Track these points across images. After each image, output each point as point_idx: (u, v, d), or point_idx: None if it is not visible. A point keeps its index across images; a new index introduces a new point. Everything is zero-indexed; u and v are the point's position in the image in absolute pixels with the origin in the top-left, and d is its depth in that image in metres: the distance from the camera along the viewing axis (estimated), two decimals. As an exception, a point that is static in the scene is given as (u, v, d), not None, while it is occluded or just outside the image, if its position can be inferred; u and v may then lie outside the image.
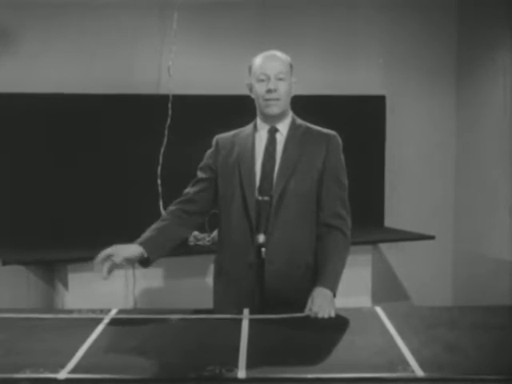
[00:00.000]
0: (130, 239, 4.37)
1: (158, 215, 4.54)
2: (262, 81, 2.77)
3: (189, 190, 2.94)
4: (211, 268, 3.09)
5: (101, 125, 4.67)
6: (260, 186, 2.79)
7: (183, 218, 2.89)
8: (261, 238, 2.78)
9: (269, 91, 2.75)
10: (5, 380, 1.97)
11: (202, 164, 2.96)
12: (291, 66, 2.83)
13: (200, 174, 2.94)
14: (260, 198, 2.78)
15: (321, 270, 2.74)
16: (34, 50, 4.60)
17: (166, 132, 4.70)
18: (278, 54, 2.83)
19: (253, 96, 2.85)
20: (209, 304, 2.88)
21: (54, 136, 4.58)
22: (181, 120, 4.70)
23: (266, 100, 2.77)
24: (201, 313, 2.66)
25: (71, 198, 4.61)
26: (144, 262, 2.77)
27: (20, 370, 2.01)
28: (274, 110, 2.79)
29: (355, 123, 5.13)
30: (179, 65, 4.79)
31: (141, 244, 2.74)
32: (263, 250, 2.78)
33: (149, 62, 4.86)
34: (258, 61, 2.81)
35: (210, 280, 3.06)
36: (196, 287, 4.42)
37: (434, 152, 5.65)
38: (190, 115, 4.75)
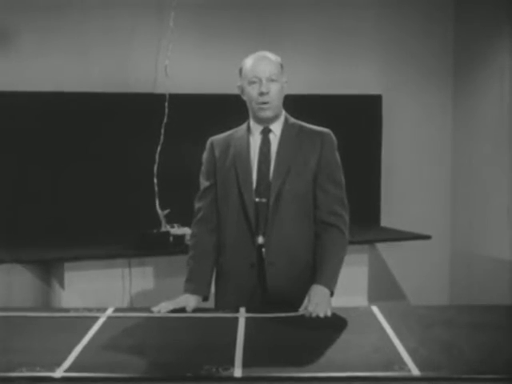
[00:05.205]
0: (126, 238, 4.42)
1: (154, 214, 4.61)
2: (254, 83, 2.74)
3: (200, 204, 2.89)
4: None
5: (97, 123, 4.67)
6: (257, 187, 2.78)
7: (209, 239, 2.86)
8: (260, 240, 2.78)
9: (261, 94, 2.73)
10: (1, 378, 1.97)
11: (203, 170, 2.91)
12: (282, 66, 2.80)
13: (204, 182, 2.89)
14: (257, 199, 2.78)
15: (318, 268, 2.74)
16: (31, 49, 4.59)
17: (163, 131, 4.69)
18: (269, 54, 2.80)
19: (244, 98, 2.82)
20: (207, 304, 2.87)
21: (50, 135, 4.57)
22: (177, 119, 4.70)
23: (259, 103, 2.75)
24: (197, 311, 2.67)
25: (67, 196, 4.61)
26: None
27: (16, 368, 2.01)
28: (268, 113, 2.77)
29: (352, 122, 5.13)
30: (176, 64, 4.79)
31: (198, 291, 2.79)
32: (263, 250, 2.78)
33: (146, 60, 4.85)
34: (248, 63, 2.77)
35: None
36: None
37: (430, 151, 5.65)
38: (187, 114, 4.74)
